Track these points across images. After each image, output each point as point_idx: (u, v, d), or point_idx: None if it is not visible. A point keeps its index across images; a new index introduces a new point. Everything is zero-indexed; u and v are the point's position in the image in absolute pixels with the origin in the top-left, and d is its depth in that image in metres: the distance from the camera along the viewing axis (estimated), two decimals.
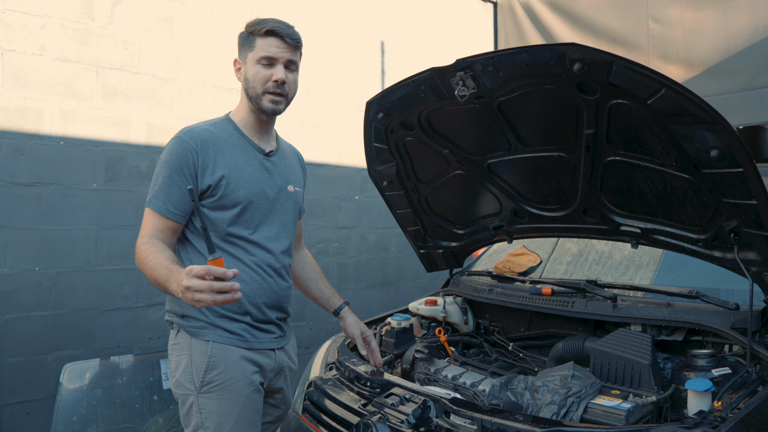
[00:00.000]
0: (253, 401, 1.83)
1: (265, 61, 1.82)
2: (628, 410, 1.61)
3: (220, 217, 1.81)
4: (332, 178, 4.45)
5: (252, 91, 1.85)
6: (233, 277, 1.47)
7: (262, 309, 1.85)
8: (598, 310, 2.19)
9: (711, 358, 1.89)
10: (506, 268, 2.76)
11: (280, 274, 1.92)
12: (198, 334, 1.79)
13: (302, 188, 2.09)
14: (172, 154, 1.77)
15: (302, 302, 4.35)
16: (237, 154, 1.85)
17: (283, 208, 1.95)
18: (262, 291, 1.86)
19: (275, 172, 1.94)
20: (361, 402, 1.94)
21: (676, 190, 1.92)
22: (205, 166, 1.78)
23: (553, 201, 2.33)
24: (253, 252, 1.85)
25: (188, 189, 1.53)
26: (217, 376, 1.77)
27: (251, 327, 1.84)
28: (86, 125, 3.34)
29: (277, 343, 1.93)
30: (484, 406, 1.70)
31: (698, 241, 2.02)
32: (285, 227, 1.96)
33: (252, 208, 1.85)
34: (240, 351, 1.81)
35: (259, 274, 1.85)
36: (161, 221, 1.77)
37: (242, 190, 1.83)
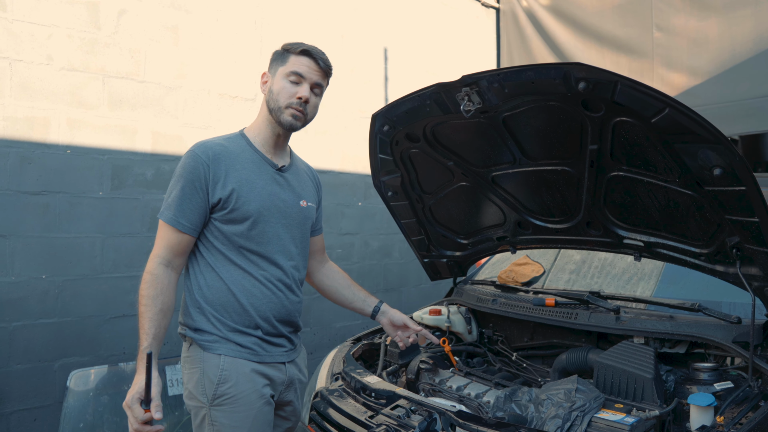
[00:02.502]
0: (264, 414, 1.85)
1: (293, 77, 1.88)
2: (631, 425, 1.63)
3: (232, 230, 1.84)
4: (335, 184, 4.48)
5: (274, 104, 1.89)
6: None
7: (272, 323, 1.88)
8: (601, 322, 2.21)
9: (713, 371, 1.91)
10: (510, 278, 2.78)
11: (291, 289, 1.94)
12: (210, 348, 1.82)
13: (316, 204, 2.11)
14: (186, 168, 1.82)
15: (305, 309, 4.38)
16: (249, 168, 1.88)
17: (296, 223, 1.97)
18: (273, 305, 1.88)
19: (287, 187, 1.97)
20: (367, 414, 1.96)
21: (680, 205, 1.95)
22: (216, 180, 1.81)
23: (556, 213, 2.36)
24: (263, 267, 1.88)
25: (147, 353, 1.61)
26: (228, 389, 1.79)
27: (262, 341, 1.87)
28: (92, 134, 3.36)
29: (287, 357, 1.95)
30: (489, 419, 1.72)
31: (701, 255, 2.04)
32: (297, 242, 1.97)
33: (263, 221, 1.87)
34: (251, 364, 1.84)
35: (269, 289, 1.88)
36: (173, 234, 1.81)
37: (253, 204, 1.85)
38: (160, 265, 1.79)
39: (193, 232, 1.83)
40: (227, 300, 1.84)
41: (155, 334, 1.71)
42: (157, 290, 1.75)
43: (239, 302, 1.84)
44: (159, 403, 1.61)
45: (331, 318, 4.47)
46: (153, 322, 1.72)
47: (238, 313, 1.85)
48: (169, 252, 1.81)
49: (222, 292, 1.84)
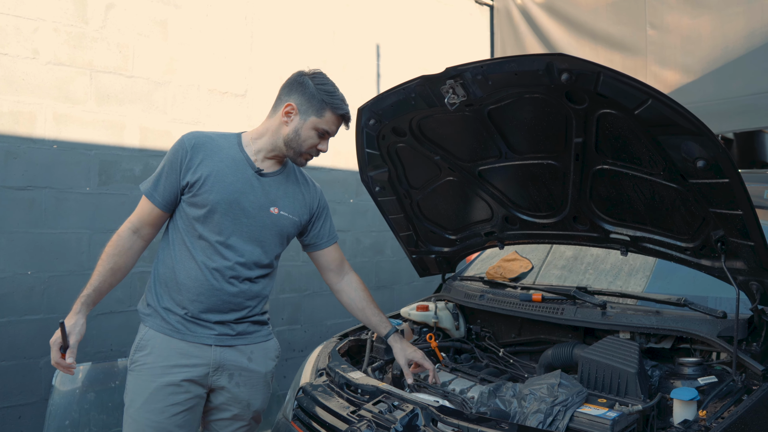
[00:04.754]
0: (167, 392, 1.93)
1: (322, 132, 2.04)
2: (613, 419, 1.61)
3: (192, 214, 1.98)
4: (327, 181, 4.46)
5: (295, 144, 2.03)
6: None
7: (198, 307, 1.97)
8: (587, 317, 2.20)
9: (697, 366, 1.90)
10: (498, 273, 2.77)
11: (230, 282, 1.99)
12: (143, 320, 2.03)
13: (300, 218, 2.15)
14: (171, 150, 2.00)
15: (295, 306, 4.36)
16: (226, 163, 2.00)
17: (261, 225, 2.04)
18: (203, 291, 1.97)
19: (261, 191, 2.04)
20: (350, 409, 1.94)
21: (664, 199, 1.93)
22: (190, 166, 1.96)
23: (543, 208, 2.34)
24: (209, 254, 1.97)
25: (60, 323, 1.82)
26: (141, 357, 1.97)
27: (186, 320, 1.98)
28: (79, 129, 3.34)
29: (218, 340, 2.00)
30: (471, 414, 1.71)
31: (686, 249, 2.03)
32: (256, 243, 2.04)
33: (220, 213, 1.96)
34: (171, 341, 1.97)
35: (204, 275, 1.96)
36: (146, 205, 2.00)
37: (214, 195, 1.96)
38: (128, 230, 2.00)
39: (163, 207, 2.00)
40: (169, 277, 1.99)
41: (97, 287, 1.93)
42: (116, 250, 1.96)
43: (177, 281, 1.98)
44: (74, 350, 1.84)
45: (323, 315, 4.46)
46: (100, 276, 1.94)
47: (173, 291, 1.98)
48: (139, 220, 2.01)
49: (168, 270, 2.00)
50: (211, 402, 2.08)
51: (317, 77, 2.04)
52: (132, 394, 1.97)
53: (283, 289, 4.26)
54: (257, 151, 2.06)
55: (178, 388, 1.95)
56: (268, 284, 2.14)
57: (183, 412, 1.97)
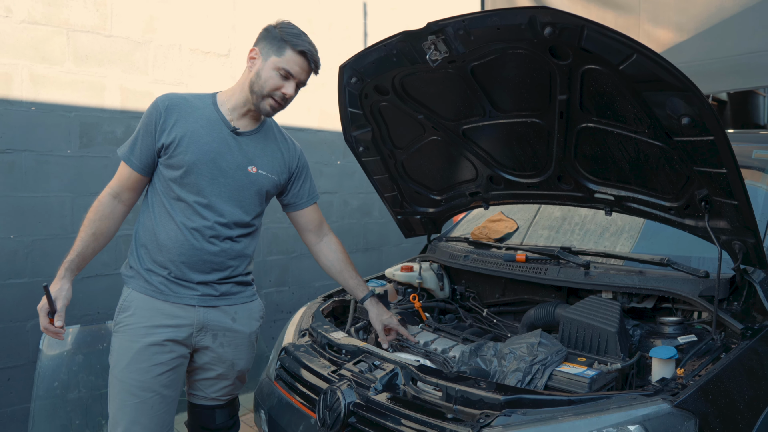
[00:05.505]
0: (151, 352, 1.95)
1: (284, 73, 1.96)
2: (591, 378, 1.62)
3: (169, 175, 1.97)
4: (313, 142, 4.40)
5: (258, 88, 1.97)
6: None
7: (180, 267, 1.97)
8: (570, 277, 2.19)
9: (678, 325, 1.90)
10: (483, 234, 2.75)
11: (211, 241, 1.99)
12: (127, 282, 2.04)
13: (279, 176, 2.13)
14: (145, 114, 1.99)
15: (283, 267, 4.36)
16: (200, 123, 1.98)
17: (237, 185, 2.02)
18: (183, 251, 1.96)
19: (238, 149, 2.02)
20: (331, 369, 1.94)
21: (649, 157, 1.91)
22: (164, 127, 1.95)
23: (528, 168, 2.31)
24: (188, 215, 1.97)
25: (43, 286, 1.85)
26: (125, 318, 1.99)
27: (168, 281, 1.98)
28: (58, 90, 3.26)
29: (201, 301, 2.01)
30: (450, 373, 1.71)
31: (671, 209, 2.01)
32: (235, 203, 2.02)
33: (196, 173, 1.95)
34: (154, 302, 1.98)
35: (184, 235, 1.96)
36: (124, 170, 2.00)
37: (189, 155, 1.94)
38: (109, 195, 2.00)
39: (141, 170, 1.99)
40: (150, 239, 1.99)
41: (80, 252, 1.95)
42: (97, 215, 1.97)
43: (158, 243, 1.98)
44: (62, 315, 1.87)
45: (310, 277, 4.45)
46: (83, 241, 1.95)
47: (154, 253, 1.99)
48: (119, 185, 2.01)
49: (149, 232, 2.00)
50: (195, 362, 2.10)
51: (283, 24, 2.00)
52: (117, 355, 1.98)
53: (271, 251, 4.25)
54: (232, 109, 2.04)
55: (161, 348, 1.96)
56: (250, 244, 2.13)
57: (167, 371, 1.98)
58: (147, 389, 1.95)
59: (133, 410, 1.94)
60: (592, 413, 1.42)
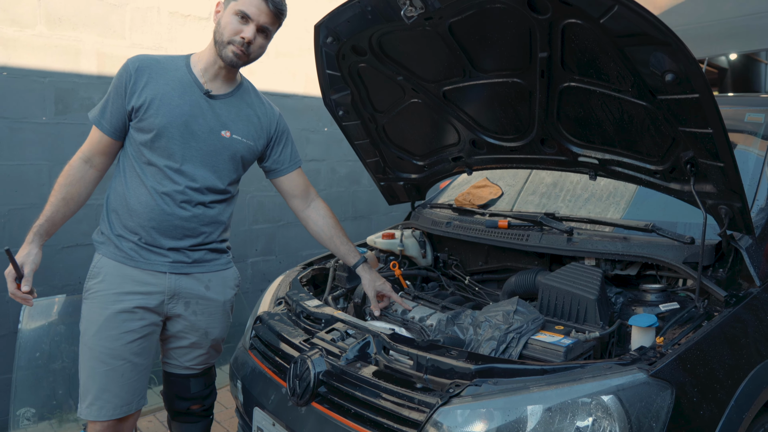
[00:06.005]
0: (121, 319, 1.91)
1: (241, 15, 1.88)
2: (567, 346, 1.56)
3: (139, 139, 1.91)
4: (299, 109, 4.29)
5: (219, 37, 1.92)
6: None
7: (150, 233, 1.93)
8: (552, 243, 2.13)
9: (660, 293, 1.84)
10: (467, 200, 2.68)
11: (182, 206, 1.94)
12: (98, 248, 2.00)
13: (253, 142, 2.07)
14: (116, 75, 1.93)
15: (269, 237, 4.29)
16: (172, 86, 1.92)
17: (211, 149, 1.97)
18: (154, 216, 1.92)
19: (211, 113, 1.96)
20: (303, 338, 1.89)
21: (633, 118, 1.82)
22: (135, 90, 1.89)
23: (510, 131, 2.23)
24: (158, 179, 1.92)
25: (5, 250, 1.81)
26: (94, 285, 1.94)
27: (139, 247, 1.94)
28: (30, 55, 3.15)
29: (172, 268, 1.97)
30: (422, 342, 1.65)
31: (656, 172, 1.93)
32: (208, 167, 1.97)
33: (167, 137, 1.90)
34: (124, 268, 1.93)
35: (155, 200, 1.91)
36: (95, 133, 1.95)
37: (160, 118, 1.89)
38: (80, 159, 1.96)
39: (113, 134, 1.94)
40: (121, 204, 1.95)
41: (50, 217, 1.91)
42: (67, 180, 1.93)
43: (128, 208, 1.93)
44: (29, 280, 1.83)
45: (297, 246, 4.39)
46: (52, 206, 1.92)
47: (125, 218, 1.94)
48: (90, 149, 1.96)
49: (120, 197, 1.95)
50: (168, 330, 2.06)
51: None
52: (86, 323, 1.94)
53: (257, 220, 4.18)
54: (204, 70, 1.98)
55: (132, 315, 1.93)
56: (225, 210, 2.08)
57: (138, 339, 1.94)
58: (117, 357, 1.91)
59: (103, 378, 1.91)
60: (564, 383, 1.37)
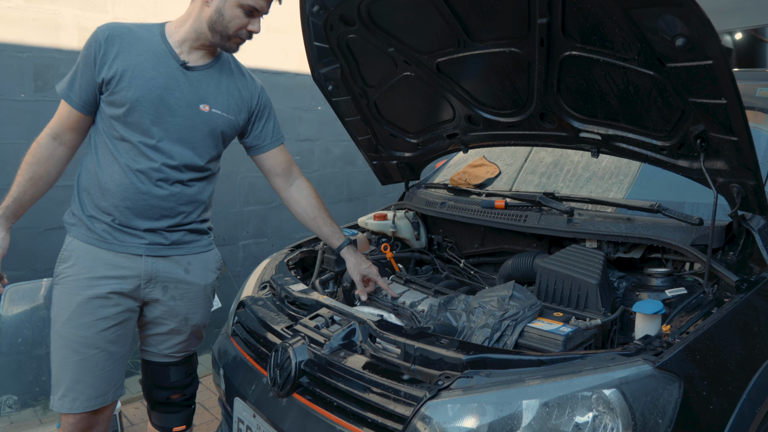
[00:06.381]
0: (94, 306, 1.80)
1: (248, 9, 1.79)
2: (566, 335, 1.45)
3: (111, 114, 1.80)
4: (292, 87, 4.15)
5: (221, 28, 1.80)
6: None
7: (125, 213, 1.82)
8: (552, 224, 2.01)
9: (667, 277, 1.72)
10: (462, 180, 2.56)
11: (158, 185, 1.83)
12: (69, 230, 1.87)
13: (234, 116, 1.95)
14: (85, 45, 1.80)
15: (261, 218, 4.18)
16: (145, 57, 1.80)
17: (189, 124, 1.85)
18: (128, 195, 1.80)
19: (188, 86, 1.84)
20: (286, 324, 1.78)
21: (639, 90, 1.69)
22: (105, 60, 1.77)
23: (507, 105, 2.10)
24: (133, 156, 1.80)
25: None
26: (65, 269, 1.82)
27: (113, 228, 1.82)
28: (7, 28, 3.01)
29: (149, 250, 1.86)
30: (410, 330, 1.54)
31: (663, 148, 1.81)
32: (186, 145, 1.85)
33: (140, 111, 1.78)
34: (97, 251, 1.81)
35: (128, 178, 1.80)
36: (64, 108, 1.82)
37: (133, 91, 1.76)
38: (48, 136, 1.84)
39: (82, 108, 1.81)
40: (92, 184, 1.83)
41: (17, 198, 1.81)
42: (34, 158, 1.82)
43: (101, 187, 1.81)
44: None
45: (290, 228, 4.28)
46: (19, 186, 1.81)
47: (97, 198, 1.82)
48: (59, 125, 1.83)
49: (92, 176, 1.83)
50: (145, 316, 1.95)
51: None
52: (57, 309, 1.83)
53: (248, 201, 4.06)
54: (181, 41, 1.85)
55: (105, 300, 1.81)
56: (205, 189, 1.96)
57: (113, 326, 1.83)
58: (90, 345, 1.80)
59: (75, 368, 1.80)
60: (563, 375, 1.25)
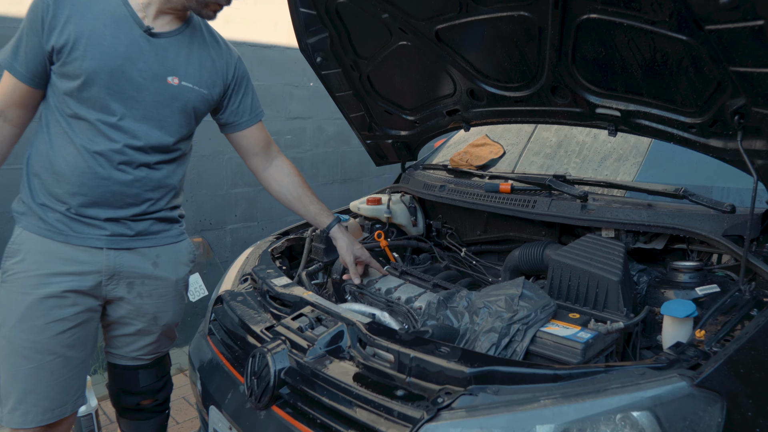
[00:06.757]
0: (47, 306, 1.59)
1: None
2: (585, 342, 1.25)
3: (64, 88, 1.57)
4: (282, 61, 3.91)
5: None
6: None
7: (81, 201, 1.61)
8: (563, 211, 1.81)
9: (696, 272, 1.52)
10: (463, 160, 2.35)
11: (120, 169, 1.62)
12: (18, 220, 1.67)
13: (207, 90, 1.74)
14: (30, 7, 1.58)
15: (250, 201, 3.97)
16: (103, 21, 1.57)
17: (156, 100, 1.64)
18: (85, 181, 1.60)
19: (154, 55, 1.62)
20: (266, 325, 1.58)
21: (669, 58, 1.47)
22: (55, 24, 1.54)
23: (515, 78, 1.88)
24: (90, 136, 1.59)
25: None
26: (13, 265, 1.62)
27: (69, 218, 1.62)
28: None
29: (111, 242, 1.66)
30: (405, 335, 1.34)
31: (692, 126, 1.60)
32: (153, 123, 1.65)
33: (98, 85, 1.56)
34: (50, 244, 1.61)
35: (86, 161, 1.59)
36: (8, 80, 1.61)
37: (89, 61, 1.54)
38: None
39: (30, 81, 1.60)
40: (44, 168, 1.62)
41: None
42: None
43: (54, 171, 1.61)
44: None
45: (281, 211, 4.07)
46: None
47: (50, 184, 1.62)
48: (3, 100, 1.63)
49: (43, 159, 1.63)
50: (109, 315, 1.76)
51: None
52: (5, 311, 1.61)
53: (236, 183, 3.85)
54: (146, 3, 1.62)
55: (61, 300, 1.61)
56: (175, 171, 1.76)
57: (71, 329, 1.63)
58: (44, 351, 1.60)
59: (27, 377, 1.59)
60: (584, 395, 1.06)
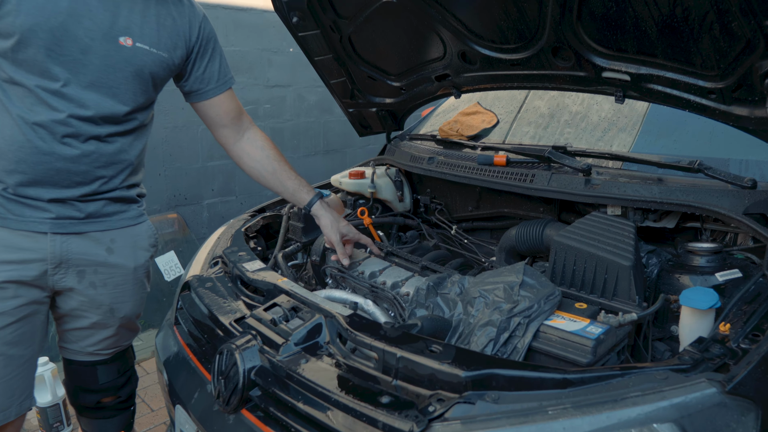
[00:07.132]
0: None
1: None
2: (596, 337, 1.10)
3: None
4: (259, 25, 3.67)
5: None
6: None
7: (20, 179, 1.43)
8: (565, 186, 1.64)
9: (714, 255, 1.37)
10: (453, 130, 2.17)
11: (65, 142, 1.43)
12: None
13: (167, 53, 1.54)
14: None
15: (228, 174, 3.77)
16: None
17: (106, 63, 1.44)
18: (24, 156, 1.41)
19: (102, 11, 1.42)
20: (235, 316, 1.42)
21: (690, 14, 1.30)
22: None
23: (512, 38, 1.69)
24: (28, 104, 1.40)
25: None
26: None
27: (6, 200, 1.45)
28: None
29: (56, 226, 1.48)
30: (389, 330, 1.18)
31: (711, 91, 1.43)
32: (104, 90, 1.46)
33: (36, 45, 1.36)
34: None
35: (24, 134, 1.40)
36: None
37: (23, 17, 1.34)
38: None
39: None
40: None
41: None
42: None
43: None
44: None
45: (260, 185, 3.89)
46: None
47: None
48: None
49: None
50: (59, 307, 1.59)
51: None
52: None
53: (212, 156, 3.64)
54: None
55: (1, 292, 1.43)
56: (132, 145, 1.56)
57: (13, 324, 1.46)
58: None
59: None
60: (599, 405, 0.91)
